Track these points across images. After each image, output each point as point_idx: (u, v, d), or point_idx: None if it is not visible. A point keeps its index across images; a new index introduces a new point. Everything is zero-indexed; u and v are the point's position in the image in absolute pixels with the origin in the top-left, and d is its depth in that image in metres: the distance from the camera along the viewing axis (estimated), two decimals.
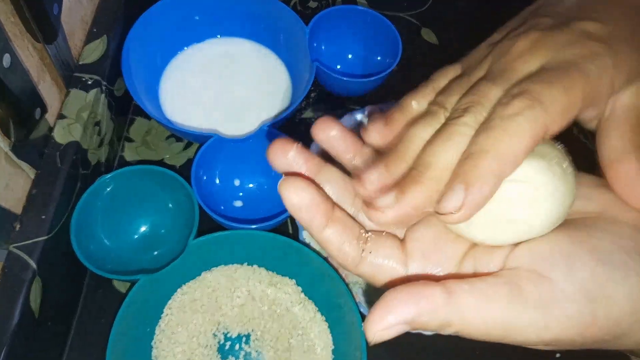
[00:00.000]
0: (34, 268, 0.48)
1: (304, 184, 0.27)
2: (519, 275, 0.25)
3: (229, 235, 0.56)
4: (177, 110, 0.67)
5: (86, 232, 0.54)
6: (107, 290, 0.59)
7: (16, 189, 0.50)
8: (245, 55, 0.71)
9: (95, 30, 0.62)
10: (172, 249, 0.56)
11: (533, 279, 0.24)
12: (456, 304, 0.24)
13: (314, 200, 0.27)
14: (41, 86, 0.52)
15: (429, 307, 0.24)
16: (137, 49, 0.62)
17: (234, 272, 0.58)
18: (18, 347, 0.46)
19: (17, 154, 0.49)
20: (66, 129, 0.55)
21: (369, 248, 0.28)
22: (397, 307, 0.24)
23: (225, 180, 0.64)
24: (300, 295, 0.58)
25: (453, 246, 0.28)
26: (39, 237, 0.50)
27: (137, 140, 0.67)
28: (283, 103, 0.68)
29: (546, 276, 0.24)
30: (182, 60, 0.70)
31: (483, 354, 0.59)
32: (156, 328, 0.56)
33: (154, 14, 0.64)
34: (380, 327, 0.24)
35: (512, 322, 0.24)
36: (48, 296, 0.51)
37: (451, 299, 0.24)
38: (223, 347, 0.56)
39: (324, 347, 0.56)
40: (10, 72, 0.44)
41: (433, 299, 0.24)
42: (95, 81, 0.58)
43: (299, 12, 0.72)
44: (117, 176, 0.56)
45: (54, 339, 0.54)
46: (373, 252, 0.28)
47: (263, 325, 0.57)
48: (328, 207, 0.27)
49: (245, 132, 0.62)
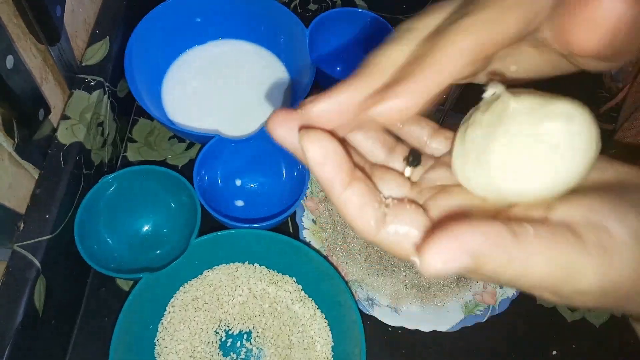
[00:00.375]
0: (38, 267, 0.49)
1: (327, 136, 0.24)
2: (575, 225, 0.24)
3: (230, 235, 0.56)
4: (179, 111, 0.67)
5: (89, 232, 0.55)
6: (110, 289, 0.60)
7: (20, 188, 0.50)
8: (246, 57, 0.72)
9: (97, 31, 0.62)
10: (174, 248, 0.56)
11: (591, 228, 0.24)
12: (523, 243, 0.23)
13: (339, 154, 0.24)
14: (44, 87, 0.52)
15: (498, 241, 0.22)
16: (140, 51, 0.63)
17: (235, 270, 0.59)
18: (22, 344, 0.47)
19: (21, 154, 0.49)
20: (69, 129, 0.55)
21: (392, 213, 0.26)
22: (464, 234, 0.22)
23: (227, 180, 0.64)
24: (300, 293, 0.58)
25: (480, 214, 0.27)
26: (43, 237, 0.50)
27: (139, 140, 0.68)
28: (283, 104, 0.68)
29: (603, 225, 0.24)
30: (184, 61, 0.70)
31: (480, 350, 0.59)
32: (159, 326, 0.56)
33: (156, 16, 0.64)
34: (442, 255, 0.21)
35: (575, 267, 0.23)
36: (52, 294, 0.51)
37: (518, 238, 0.23)
38: (224, 344, 0.57)
39: (323, 344, 0.56)
40: (13, 73, 0.44)
41: (501, 234, 0.22)
42: (98, 82, 0.59)
43: (299, 14, 0.73)
44: (120, 176, 0.56)
45: (57, 336, 0.55)
46: (396, 219, 0.26)
47: (264, 322, 0.57)
48: (351, 165, 0.25)
49: (247, 133, 0.62)
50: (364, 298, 0.58)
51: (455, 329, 0.57)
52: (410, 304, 0.58)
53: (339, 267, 0.59)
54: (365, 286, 0.59)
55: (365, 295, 0.58)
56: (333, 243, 0.60)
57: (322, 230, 0.60)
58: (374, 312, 0.57)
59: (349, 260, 0.60)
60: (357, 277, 0.59)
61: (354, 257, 0.60)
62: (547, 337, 0.61)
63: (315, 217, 0.60)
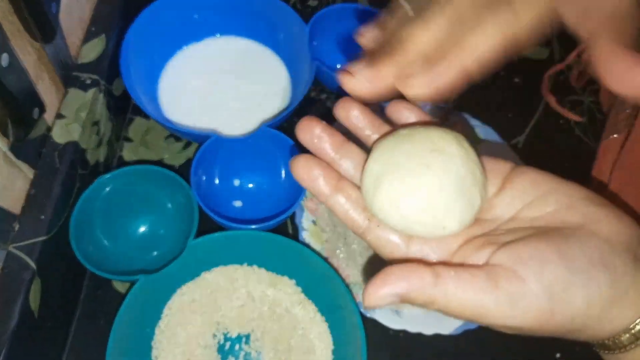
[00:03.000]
0: (34, 268, 0.48)
1: (306, 159, 0.34)
2: (498, 271, 0.29)
3: (228, 236, 0.56)
4: (176, 109, 0.67)
5: (85, 233, 0.54)
6: (107, 291, 0.59)
7: (15, 189, 0.50)
8: (244, 54, 0.71)
9: (93, 29, 0.61)
10: (172, 249, 0.56)
11: (509, 276, 0.29)
12: (442, 285, 0.29)
13: (315, 172, 0.34)
14: (39, 85, 0.52)
15: (419, 285, 0.29)
16: (136, 48, 0.62)
17: (234, 272, 0.58)
18: (17, 347, 0.46)
19: (16, 154, 0.48)
20: (65, 128, 0.55)
21: (377, 221, 0.33)
22: (392, 281, 0.29)
23: (225, 180, 0.64)
24: (300, 296, 0.58)
25: (451, 238, 0.33)
26: (38, 238, 0.50)
27: (136, 140, 0.67)
28: (283, 102, 0.68)
29: (520, 276, 0.29)
30: (181, 59, 0.70)
31: (483, 354, 0.59)
32: (156, 328, 0.56)
33: (152, 13, 0.64)
34: (375, 296, 0.29)
35: (483, 307, 0.29)
36: (47, 296, 0.51)
37: (438, 280, 0.29)
38: (223, 347, 0.56)
39: (324, 348, 0.56)
40: (8, 71, 0.43)
41: (423, 278, 0.29)
42: (94, 80, 0.58)
43: (298, 10, 0.72)
44: (116, 176, 0.56)
45: (53, 339, 0.54)
46: (380, 226, 0.33)
47: (263, 325, 0.57)
48: (331, 178, 0.34)
49: (245, 132, 0.62)
50: None
51: (458, 332, 0.57)
52: (412, 307, 0.58)
53: (339, 269, 0.58)
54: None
55: None
56: (333, 245, 0.59)
57: (322, 232, 0.60)
58: (375, 315, 0.56)
59: (350, 262, 0.59)
60: (357, 280, 0.59)
61: (354, 259, 0.59)
62: (551, 341, 0.60)
63: (315, 218, 0.60)
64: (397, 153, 0.32)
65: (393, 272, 0.29)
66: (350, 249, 0.60)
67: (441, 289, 0.29)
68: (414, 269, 0.29)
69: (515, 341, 0.61)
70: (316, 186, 0.34)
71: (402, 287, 0.29)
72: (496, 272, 0.29)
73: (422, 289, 0.29)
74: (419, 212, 0.31)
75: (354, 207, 0.34)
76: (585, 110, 0.73)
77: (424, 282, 0.29)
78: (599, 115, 0.73)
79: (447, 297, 0.29)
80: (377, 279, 0.29)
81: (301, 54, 0.65)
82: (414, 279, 0.29)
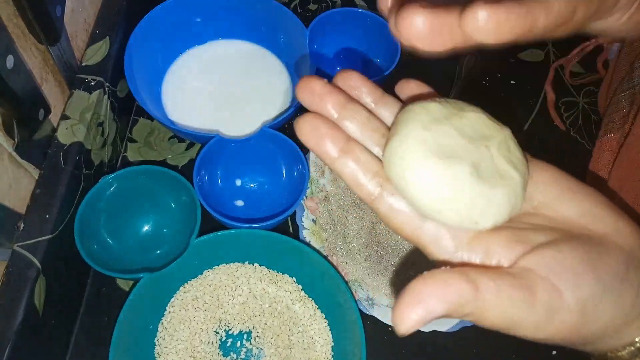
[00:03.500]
0: (38, 267, 0.49)
1: (313, 117, 0.30)
2: (533, 279, 0.27)
3: (230, 235, 0.56)
4: (179, 111, 0.68)
5: (89, 232, 0.55)
6: (110, 289, 0.60)
7: (20, 188, 0.50)
8: (246, 57, 0.72)
9: (97, 32, 0.62)
10: (174, 247, 0.56)
11: (546, 287, 0.27)
12: (482, 300, 0.26)
13: (321, 131, 0.30)
14: (44, 87, 0.52)
15: (459, 301, 0.25)
16: (140, 51, 0.63)
17: (235, 270, 0.59)
18: (22, 344, 0.47)
19: (21, 155, 0.49)
20: (69, 129, 0.55)
21: (392, 189, 0.30)
22: (428, 300, 0.25)
23: (227, 180, 0.64)
24: (300, 293, 0.58)
25: None
26: (43, 237, 0.50)
27: (139, 140, 0.68)
28: (283, 104, 0.68)
29: (558, 288, 0.27)
30: (183, 61, 0.71)
31: (483, 351, 0.59)
32: (159, 325, 0.56)
33: (156, 16, 0.64)
34: (412, 320, 0.25)
35: (520, 320, 0.27)
36: (52, 294, 0.51)
37: (478, 294, 0.26)
38: (225, 344, 0.57)
39: (323, 344, 0.56)
40: (13, 73, 0.44)
41: (462, 293, 0.25)
42: (98, 82, 0.59)
43: (299, 14, 0.73)
44: (120, 176, 0.56)
45: (58, 336, 0.55)
46: (395, 195, 0.30)
47: (264, 322, 0.57)
48: (339, 139, 0.30)
49: (247, 133, 0.62)
50: (364, 298, 0.58)
51: (455, 329, 0.57)
52: None
53: (338, 267, 0.59)
54: (365, 286, 0.59)
55: (365, 295, 0.58)
56: (333, 243, 0.60)
57: (322, 230, 0.60)
58: (374, 312, 0.57)
59: (349, 260, 0.60)
60: (357, 277, 0.59)
61: (354, 257, 0.60)
62: None
63: (315, 217, 0.60)
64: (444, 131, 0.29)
65: (424, 288, 0.25)
66: (350, 247, 0.60)
67: (479, 304, 0.26)
68: (448, 280, 0.25)
69: (512, 338, 0.62)
70: (322, 147, 0.30)
71: (441, 307, 0.25)
72: (532, 280, 0.27)
73: (463, 305, 0.25)
74: (454, 200, 0.28)
75: (364, 172, 0.30)
76: (580, 111, 0.74)
77: (464, 296, 0.25)
78: (594, 116, 0.73)
79: (483, 311, 0.26)
80: (409, 300, 0.25)
81: (301, 56, 0.66)
82: (452, 295, 0.25)
